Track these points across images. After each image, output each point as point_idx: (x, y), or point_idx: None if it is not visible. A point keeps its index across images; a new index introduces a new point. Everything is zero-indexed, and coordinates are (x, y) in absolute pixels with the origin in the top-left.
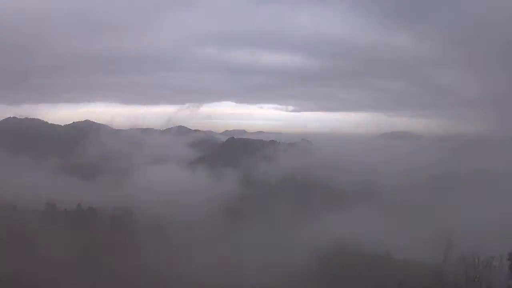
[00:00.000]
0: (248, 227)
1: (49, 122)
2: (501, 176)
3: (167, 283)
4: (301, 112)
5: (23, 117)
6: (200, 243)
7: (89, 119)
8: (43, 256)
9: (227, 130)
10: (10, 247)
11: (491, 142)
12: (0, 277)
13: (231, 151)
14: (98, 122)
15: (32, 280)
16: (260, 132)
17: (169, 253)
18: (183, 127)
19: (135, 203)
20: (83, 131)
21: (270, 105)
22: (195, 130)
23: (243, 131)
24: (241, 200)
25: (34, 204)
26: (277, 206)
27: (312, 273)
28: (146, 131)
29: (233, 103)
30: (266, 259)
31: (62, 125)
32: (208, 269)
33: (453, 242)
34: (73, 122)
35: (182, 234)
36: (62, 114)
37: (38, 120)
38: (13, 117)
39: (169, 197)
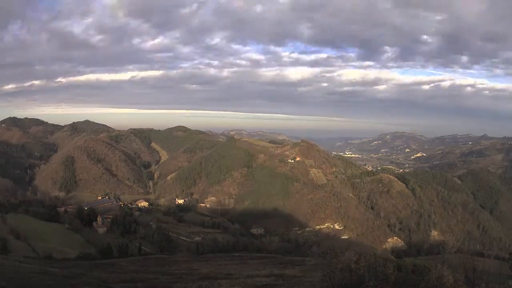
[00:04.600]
0: None
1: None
2: None
3: None
4: None
5: (23, 117)
6: None
7: (89, 119)
8: None
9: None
10: None
11: None
12: None
13: None
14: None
15: None
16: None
17: None
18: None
19: None
20: None
21: None
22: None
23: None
24: None
25: None
26: None
27: None
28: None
29: None
30: None
31: (62, 125)
32: None
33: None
34: (73, 122)
35: None
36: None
37: (38, 120)
38: (13, 117)
39: None
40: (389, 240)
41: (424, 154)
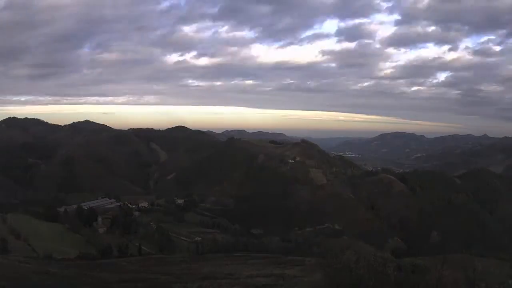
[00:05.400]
0: None
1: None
2: None
3: None
4: None
5: (23, 117)
6: None
7: (89, 119)
8: None
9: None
10: None
11: None
12: None
13: None
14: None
15: None
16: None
17: None
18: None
19: None
20: None
21: None
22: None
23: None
24: None
25: None
26: None
27: None
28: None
29: None
30: None
31: (62, 125)
32: None
33: None
34: (73, 122)
35: None
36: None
37: (38, 120)
38: (13, 117)
39: None
40: (389, 240)
41: (424, 154)
